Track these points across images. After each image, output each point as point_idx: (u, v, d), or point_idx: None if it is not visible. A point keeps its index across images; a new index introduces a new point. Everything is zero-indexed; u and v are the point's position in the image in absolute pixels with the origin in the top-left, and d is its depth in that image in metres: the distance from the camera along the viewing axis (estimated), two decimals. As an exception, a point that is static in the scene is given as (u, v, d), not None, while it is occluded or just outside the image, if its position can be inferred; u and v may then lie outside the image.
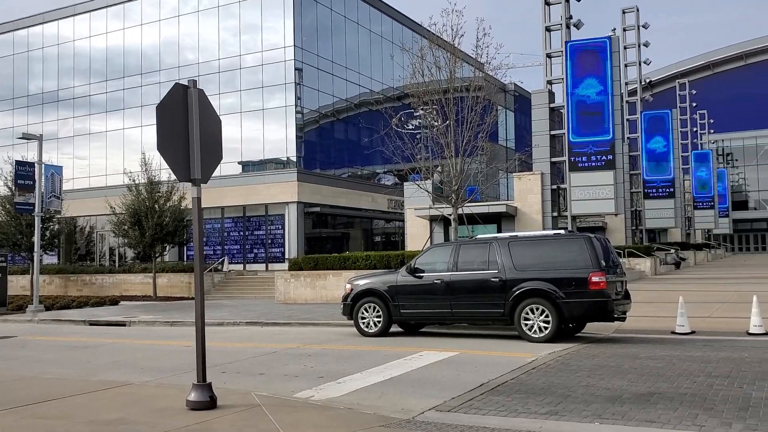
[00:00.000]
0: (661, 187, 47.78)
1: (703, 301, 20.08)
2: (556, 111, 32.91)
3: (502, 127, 61.61)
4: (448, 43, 25.23)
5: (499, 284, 13.40)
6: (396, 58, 41.29)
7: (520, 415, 7.18)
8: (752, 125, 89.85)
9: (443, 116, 25.20)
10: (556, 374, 9.49)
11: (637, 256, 36.21)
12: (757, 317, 13.35)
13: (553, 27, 32.68)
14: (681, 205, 54.70)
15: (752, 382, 8.62)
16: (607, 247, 13.72)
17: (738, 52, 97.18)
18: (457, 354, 11.64)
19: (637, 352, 11.33)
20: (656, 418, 6.91)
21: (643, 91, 50.77)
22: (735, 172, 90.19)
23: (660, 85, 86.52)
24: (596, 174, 31.22)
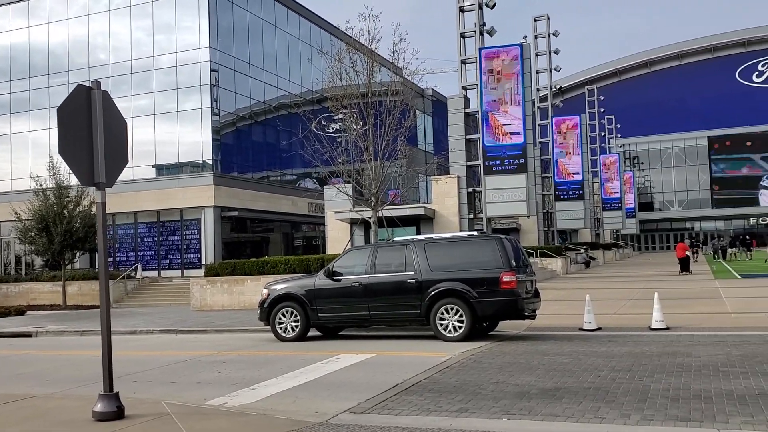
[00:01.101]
0: (571, 189, 49.60)
1: (610, 299, 20.99)
2: (471, 116, 33.63)
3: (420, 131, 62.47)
4: (365, 47, 25.43)
5: (416, 285, 13.61)
6: (314, 62, 41.27)
7: (432, 413, 7.33)
8: (657, 130, 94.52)
9: (362, 120, 25.37)
10: (468, 372, 9.72)
11: (549, 256, 37.44)
12: (659, 313, 14.05)
13: (467, 34, 33.40)
14: (590, 206, 56.90)
15: (651, 374, 9.08)
16: (518, 248, 14.15)
17: (643, 60, 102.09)
18: (373, 356, 11.74)
19: (546, 349, 11.74)
20: (561, 412, 7.20)
21: (554, 97, 52.54)
22: (641, 175, 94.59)
23: (570, 92, 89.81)
24: (509, 177, 32.09)
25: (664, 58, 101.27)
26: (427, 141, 64.49)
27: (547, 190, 49.01)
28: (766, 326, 13.52)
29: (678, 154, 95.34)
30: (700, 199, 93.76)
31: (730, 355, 10.32)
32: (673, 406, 7.29)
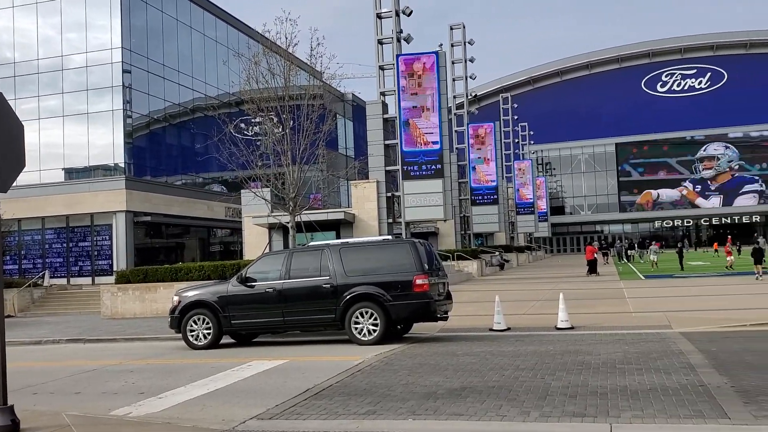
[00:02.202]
0: (486, 194, 50.83)
1: (521, 300, 21.65)
2: (390, 121, 33.97)
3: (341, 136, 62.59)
4: (282, 50, 25.32)
5: (331, 290, 13.65)
6: (231, 64, 40.68)
7: (340, 417, 7.41)
8: (568, 137, 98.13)
9: (280, 123, 25.21)
10: (379, 375, 9.86)
11: (465, 259, 38.24)
12: (564, 313, 14.62)
13: (384, 40, 33.73)
14: (505, 210, 58.46)
15: (553, 372, 9.46)
16: (431, 251, 14.43)
17: (555, 69, 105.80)
18: (286, 362, 11.72)
19: (455, 350, 12.03)
20: (465, 411, 7.41)
21: (470, 105, 53.77)
22: (553, 180, 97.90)
23: (485, 99, 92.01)
24: (427, 182, 32.60)
25: (574, 67, 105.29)
26: (348, 145, 64.69)
27: (464, 195, 50.03)
28: (663, 324, 14.27)
29: (588, 160, 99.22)
30: (608, 203, 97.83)
31: (627, 353, 10.86)
32: (570, 402, 7.63)
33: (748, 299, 18.99)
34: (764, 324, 13.59)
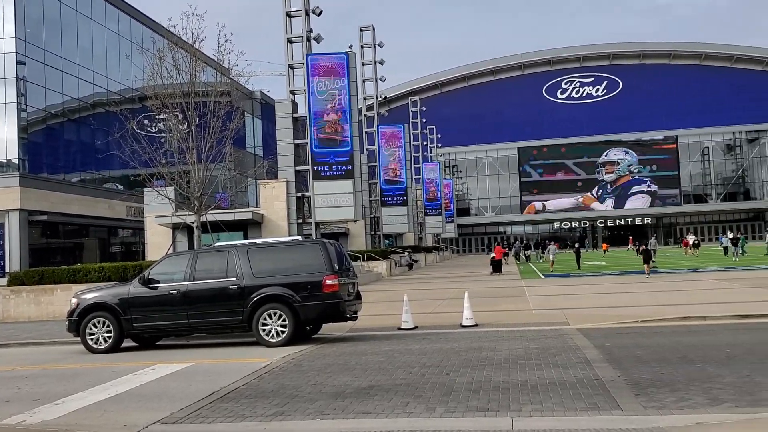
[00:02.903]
0: (396, 195, 51.41)
1: (428, 299, 22.06)
2: (299, 121, 33.78)
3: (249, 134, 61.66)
4: (188, 46, 24.70)
5: (238, 291, 13.45)
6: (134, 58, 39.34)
7: (247, 419, 7.34)
8: (474, 140, 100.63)
9: (186, 120, 24.59)
10: (287, 376, 9.82)
11: (375, 259, 38.54)
12: (469, 311, 15.01)
13: (294, 39, 33.52)
14: (413, 212, 59.27)
15: (457, 369, 9.72)
16: (341, 252, 14.48)
17: (462, 74, 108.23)
18: (191, 365, 11.48)
19: (364, 349, 12.14)
20: (373, 410, 7.51)
21: (380, 106, 54.22)
22: (459, 183, 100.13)
23: (395, 102, 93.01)
24: (337, 183, 32.64)
25: (480, 73, 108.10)
26: (257, 144, 63.83)
27: (374, 196, 50.40)
28: (561, 321, 14.90)
29: (492, 163, 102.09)
30: (510, 205, 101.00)
31: (528, 349, 11.28)
32: (474, 397, 7.87)
33: (639, 297, 20.08)
34: (654, 320, 14.43)
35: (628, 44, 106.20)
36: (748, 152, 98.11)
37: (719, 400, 7.26)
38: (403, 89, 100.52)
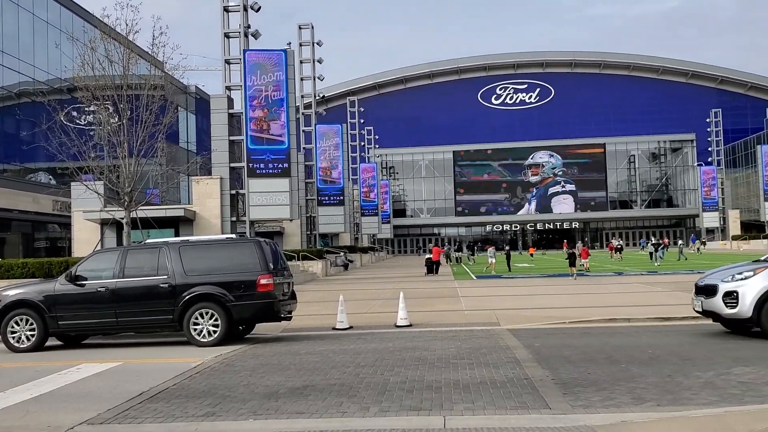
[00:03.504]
0: (332, 195, 51.31)
1: (363, 299, 22.11)
2: (235, 117, 33.33)
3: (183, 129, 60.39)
4: (122, 37, 24.07)
5: (169, 290, 13.17)
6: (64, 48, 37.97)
7: (178, 419, 7.21)
8: (411, 142, 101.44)
9: (117, 113, 23.94)
10: (219, 376, 9.68)
11: (311, 259, 38.35)
12: (403, 311, 15.13)
13: (231, 34, 33.05)
14: (350, 212, 59.33)
15: (392, 369, 9.78)
16: (276, 251, 14.36)
17: (399, 77, 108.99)
18: (120, 364, 11.17)
19: (298, 349, 12.08)
20: (307, 409, 7.49)
21: (318, 105, 53.98)
22: (396, 184, 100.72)
23: (333, 101, 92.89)
24: (273, 181, 32.36)
25: (418, 76, 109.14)
26: (190, 140, 62.57)
27: (311, 195, 50.17)
28: (492, 322, 15.18)
29: (428, 165, 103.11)
30: (445, 208, 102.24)
31: (460, 349, 11.46)
32: (408, 397, 7.94)
33: (567, 299, 20.66)
34: (581, 321, 14.88)
35: (560, 53, 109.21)
36: (671, 161, 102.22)
37: (642, 399, 7.55)
38: (341, 89, 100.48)
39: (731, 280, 11.84)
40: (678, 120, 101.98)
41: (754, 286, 11.47)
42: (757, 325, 11.56)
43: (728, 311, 11.71)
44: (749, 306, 11.41)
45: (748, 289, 11.50)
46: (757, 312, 11.36)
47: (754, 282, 11.53)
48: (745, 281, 11.63)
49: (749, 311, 11.42)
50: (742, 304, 11.50)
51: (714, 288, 12.01)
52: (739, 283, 11.68)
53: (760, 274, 11.60)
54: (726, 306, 11.70)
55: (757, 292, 11.39)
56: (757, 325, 11.54)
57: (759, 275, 11.60)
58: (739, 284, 11.65)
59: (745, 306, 11.46)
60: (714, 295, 11.94)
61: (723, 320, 12.22)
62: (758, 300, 11.35)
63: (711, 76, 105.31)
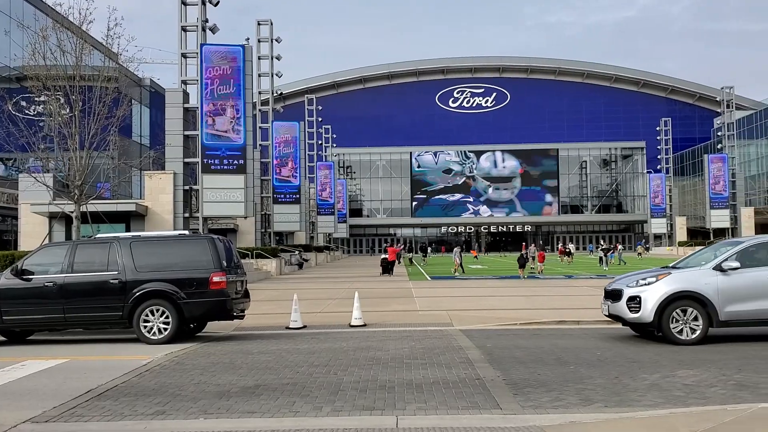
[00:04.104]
0: (288, 193, 50.95)
1: (318, 298, 22.04)
2: (190, 111, 32.85)
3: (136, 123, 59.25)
4: (75, 27, 23.50)
5: (119, 286, 12.94)
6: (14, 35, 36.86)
7: (126, 417, 7.08)
8: (368, 143, 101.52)
9: (68, 104, 23.39)
10: (169, 374, 9.54)
11: (265, 257, 38.04)
12: (358, 311, 15.14)
13: (189, 28, 32.57)
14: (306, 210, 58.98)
15: (345, 368, 9.78)
16: (230, 248, 14.22)
17: (358, 76, 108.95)
18: (67, 361, 10.91)
19: (251, 348, 11.98)
20: (258, 409, 7.44)
21: (275, 102, 53.54)
22: (352, 184, 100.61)
23: (291, 98, 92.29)
24: (228, 177, 32.01)
25: (377, 76, 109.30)
26: (144, 133, 61.41)
27: (266, 193, 49.71)
28: (445, 322, 15.31)
29: (385, 166, 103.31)
30: (401, 208, 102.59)
31: (414, 349, 11.52)
32: (361, 396, 7.96)
33: (519, 301, 20.95)
34: (532, 323, 15.12)
35: (517, 58, 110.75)
36: (622, 167, 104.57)
37: (590, 400, 7.71)
38: (299, 86, 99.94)
39: (635, 285, 12.22)
40: (629, 128, 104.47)
41: (656, 292, 11.85)
42: (658, 330, 11.94)
43: (631, 315, 12.09)
44: (651, 311, 11.78)
45: (650, 294, 11.88)
46: (658, 317, 11.74)
47: (657, 288, 11.91)
48: (648, 287, 12.00)
49: (650, 316, 11.80)
50: (644, 308, 11.88)
51: (619, 293, 12.39)
52: (642, 288, 12.05)
53: (663, 280, 12.00)
54: (629, 310, 12.08)
55: (658, 297, 11.77)
56: (658, 329, 11.91)
57: (661, 281, 12.00)
58: (642, 289, 12.02)
59: (647, 311, 11.84)
60: (619, 300, 12.32)
61: (629, 324, 12.57)
62: (659, 305, 11.73)
63: (662, 86, 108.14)
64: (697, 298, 11.77)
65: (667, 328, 11.74)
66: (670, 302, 11.76)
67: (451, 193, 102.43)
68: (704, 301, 11.73)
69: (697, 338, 11.68)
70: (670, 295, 11.79)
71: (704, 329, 11.72)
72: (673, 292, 11.82)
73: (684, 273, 12.33)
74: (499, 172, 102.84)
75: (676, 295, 11.80)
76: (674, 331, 11.71)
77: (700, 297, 11.75)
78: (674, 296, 11.79)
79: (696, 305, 11.75)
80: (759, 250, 12.41)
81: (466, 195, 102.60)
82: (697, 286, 11.85)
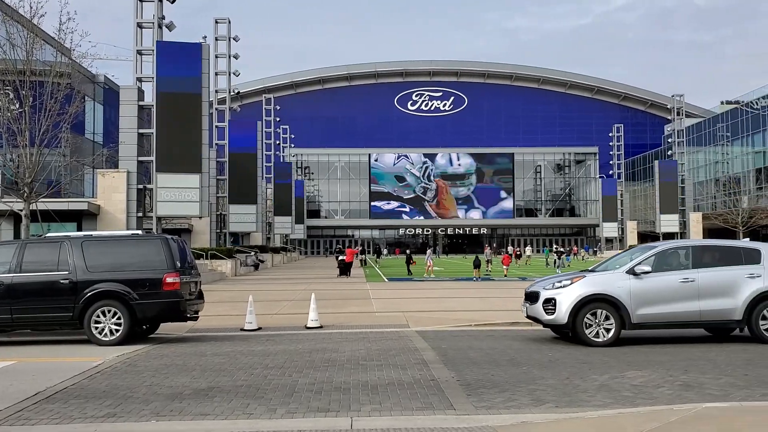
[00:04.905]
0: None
1: (274, 300, 21.91)
2: (145, 109, 32.32)
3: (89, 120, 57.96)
4: (25, 20, 22.92)
5: (70, 286, 12.69)
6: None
7: (75, 420, 6.95)
8: (327, 144, 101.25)
9: (18, 100, 22.81)
10: (121, 376, 9.38)
11: (220, 258, 37.63)
12: (314, 313, 15.11)
13: (145, 24, 32.04)
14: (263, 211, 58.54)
15: (300, 370, 9.76)
16: (184, 249, 14.04)
17: (317, 77, 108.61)
18: (13, 363, 10.64)
19: (204, 350, 11.85)
20: (212, 411, 7.37)
21: (232, 102, 53.02)
22: (311, 184, 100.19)
23: (248, 98, 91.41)
24: (183, 176, 31.58)
25: (335, 77, 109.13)
26: (97, 131, 60.05)
27: (222, 193, 49.16)
28: (402, 324, 15.39)
29: (344, 167, 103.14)
30: (360, 210, 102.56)
31: (370, 350, 11.56)
32: (315, 398, 7.95)
33: (474, 302, 21.17)
34: (486, 324, 15.31)
35: (474, 63, 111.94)
36: (575, 172, 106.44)
37: (542, 400, 7.86)
38: (257, 86, 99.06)
39: (551, 288, 12.51)
40: (583, 133, 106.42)
41: (570, 294, 12.14)
42: (572, 331, 12.23)
43: (547, 317, 12.37)
44: (565, 313, 12.07)
45: (564, 297, 12.17)
46: (572, 318, 12.03)
47: (571, 290, 12.21)
48: (563, 289, 12.30)
49: (565, 318, 12.09)
50: (559, 310, 12.16)
51: (536, 295, 12.68)
52: (558, 290, 12.34)
53: (577, 283, 12.30)
54: (545, 312, 12.37)
55: (572, 300, 12.06)
56: (572, 331, 12.21)
57: (576, 284, 12.29)
58: (558, 292, 12.31)
59: (561, 312, 12.12)
60: (536, 302, 12.61)
61: (546, 326, 12.84)
62: (573, 307, 12.01)
63: (615, 93, 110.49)
64: (610, 301, 12.03)
65: (581, 330, 12.00)
66: (584, 305, 12.01)
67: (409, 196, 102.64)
68: (617, 304, 11.99)
69: (610, 340, 11.95)
70: (583, 298, 12.05)
71: (617, 331, 12.01)
72: (587, 294, 12.08)
73: (598, 276, 12.65)
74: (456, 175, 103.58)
75: (590, 297, 12.06)
76: (587, 333, 11.98)
77: (613, 300, 12.01)
78: (588, 299, 12.05)
79: (609, 308, 12.02)
80: (671, 255, 12.80)
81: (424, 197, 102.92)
82: (610, 289, 12.13)
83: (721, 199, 78.61)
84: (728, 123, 79.34)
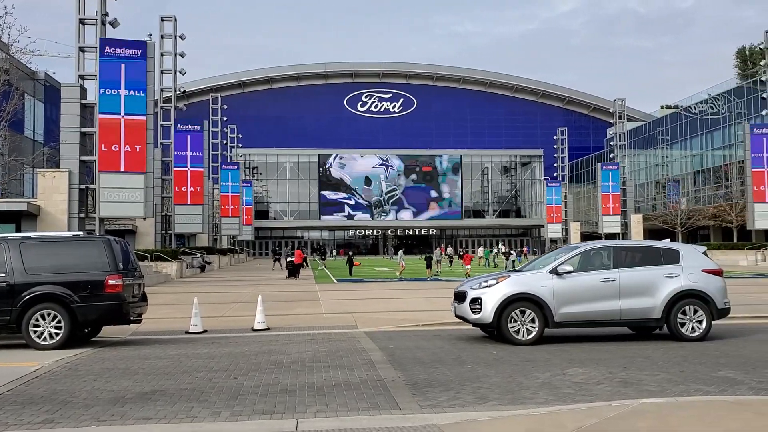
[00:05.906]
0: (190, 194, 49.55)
1: (220, 302, 21.64)
2: (88, 108, 31.49)
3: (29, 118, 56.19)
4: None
5: (7, 289, 12.31)
6: None
7: (10, 428, 6.75)
8: (276, 144, 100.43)
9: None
10: (60, 381, 9.15)
11: (165, 260, 36.95)
12: (261, 315, 14.99)
13: (87, 20, 31.21)
14: (210, 211, 57.66)
15: (246, 373, 9.68)
16: (127, 250, 13.77)
17: (265, 76, 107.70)
18: (-55, 369, 10.24)
19: (148, 353, 11.64)
20: (154, 415, 7.26)
21: (178, 100, 52.05)
22: (259, 185, 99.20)
23: (195, 97, 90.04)
24: (127, 177, 30.89)
25: (284, 77, 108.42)
26: (37, 129, 58.27)
27: (167, 193, 48.24)
28: (350, 325, 15.41)
29: (293, 168, 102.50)
30: (309, 211, 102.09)
31: (317, 351, 11.55)
32: (261, 401, 7.91)
33: (422, 302, 21.33)
34: (434, 324, 15.47)
35: (423, 65, 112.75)
36: (521, 174, 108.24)
37: (486, 398, 7.99)
38: (204, 85, 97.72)
39: (478, 287, 12.78)
40: (528, 136, 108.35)
41: (496, 294, 12.43)
42: (497, 330, 12.54)
43: (474, 316, 12.63)
44: (491, 312, 12.35)
45: (490, 296, 12.45)
46: (497, 318, 12.32)
47: (496, 290, 12.50)
48: (489, 289, 12.58)
49: (491, 317, 12.37)
50: (484, 309, 12.43)
51: (464, 294, 12.93)
52: (483, 290, 12.62)
53: (502, 283, 12.61)
54: (472, 311, 12.62)
55: (497, 299, 12.35)
56: (497, 330, 12.52)
57: (501, 283, 12.60)
58: (484, 291, 12.59)
59: (487, 312, 12.40)
60: (463, 301, 12.86)
61: (474, 324, 13.07)
62: (498, 306, 12.30)
63: (559, 97, 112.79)
64: (533, 300, 12.33)
65: (505, 329, 12.25)
66: (508, 304, 12.27)
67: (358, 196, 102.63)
68: (540, 303, 12.29)
69: (533, 339, 12.24)
70: (508, 297, 12.30)
71: (540, 330, 12.31)
72: (512, 294, 12.34)
73: (523, 276, 12.94)
74: (406, 176, 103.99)
75: (514, 296, 12.33)
76: (512, 332, 12.24)
77: (537, 299, 12.31)
78: (512, 298, 12.31)
79: (533, 307, 12.30)
80: (594, 255, 13.16)
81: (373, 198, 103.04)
82: (534, 288, 12.42)
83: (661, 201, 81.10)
84: (668, 127, 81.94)
